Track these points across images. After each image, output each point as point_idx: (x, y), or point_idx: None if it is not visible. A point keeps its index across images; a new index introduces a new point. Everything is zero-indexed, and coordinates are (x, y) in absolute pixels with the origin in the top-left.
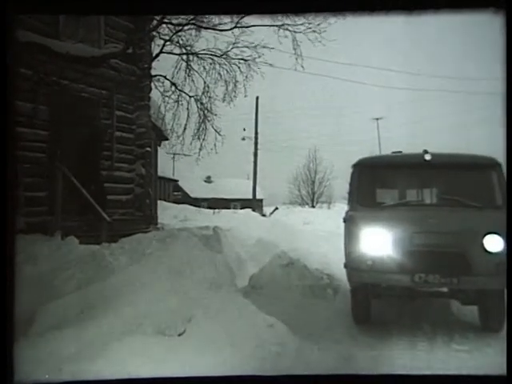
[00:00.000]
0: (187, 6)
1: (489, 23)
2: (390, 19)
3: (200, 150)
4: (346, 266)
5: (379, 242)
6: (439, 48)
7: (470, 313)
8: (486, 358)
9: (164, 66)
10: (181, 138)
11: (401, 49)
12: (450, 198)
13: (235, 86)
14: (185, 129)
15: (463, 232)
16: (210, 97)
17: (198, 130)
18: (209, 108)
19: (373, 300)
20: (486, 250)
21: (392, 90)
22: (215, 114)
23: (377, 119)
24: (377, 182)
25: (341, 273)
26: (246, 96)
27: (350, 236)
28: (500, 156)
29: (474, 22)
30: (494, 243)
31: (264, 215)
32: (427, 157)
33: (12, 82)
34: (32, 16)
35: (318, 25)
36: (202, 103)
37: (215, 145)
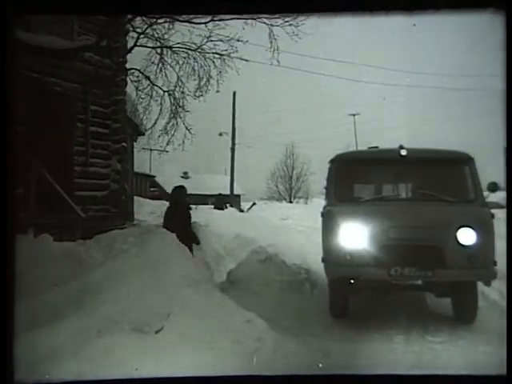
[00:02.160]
0: (190, 6)
1: (467, 21)
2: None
3: (167, 144)
4: (323, 260)
5: (357, 236)
6: (418, 44)
7: (443, 305)
8: (459, 349)
9: (139, 59)
10: (150, 132)
11: (379, 44)
12: (425, 192)
13: (208, 81)
14: (155, 123)
15: (437, 226)
16: (182, 92)
17: (167, 125)
18: (181, 103)
19: (350, 294)
20: (459, 243)
21: (369, 86)
22: (187, 111)
23: (353, 115)
24: (354, 177)
25: (318, 267)
26: (217, 91)
27: (328, 231)
28: (473, 150)
29: (452, 20)
30: (466, 236)
31: (242, 211)
32: (403, 152)
33: (12, 83)
34: None
35: (295, 18)
36: (174, 98)
37: (183, 142)
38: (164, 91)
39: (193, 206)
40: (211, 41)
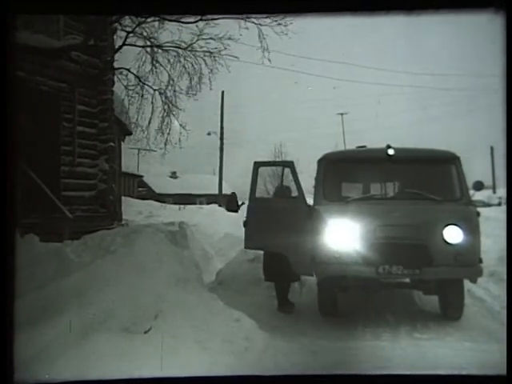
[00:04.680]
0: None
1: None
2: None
3: (165, 144)
4: (312, 259)
5: (345, 235)
6: (407, 44)
7: (431, 302)
8: (446, 345)
9: (127, 58)
10: (146, 133)
11: (368, 44)
12: (412, 191)
13: (200, 79)
14: (149, 123)
15: (424, 224)
16: (174, 90)
17: (162, 124)
18: (173, 102)
19: (339, 292)
20: (445, 242)
21: (357, 85)
22: (180, 109)
23: (341, 114)
24: (342, 177)
25: None
26: (211, 89)
27: (316, 230)
28: (456, 150)
29: (432, 20)
30: (453, 235)
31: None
32: (390, 151)
33: (13, 83)
34: None
35: (283, 18)
36: (166, 97)
37: (180, 140)
38: (154, 90)
39: (181, 206)
40: (202, 39)
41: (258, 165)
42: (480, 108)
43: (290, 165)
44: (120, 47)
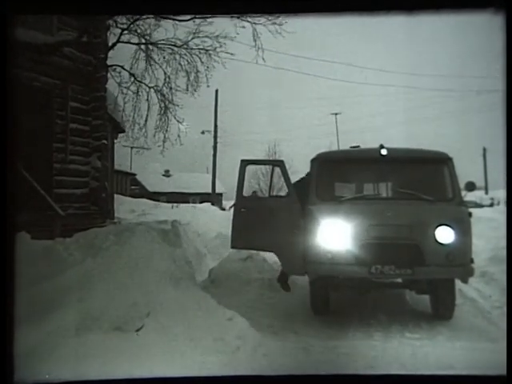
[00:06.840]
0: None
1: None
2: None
3: (164, 141)
4: (304, 259)
5: (337, 234)
6: (401, 45)
7: (423, 302)
8: (437, 344)
9: (121, 55)
10: (143, 130)
11: (362, 44)
12: (405, 191)
13: (197, 76)
14: (146, 120)
15: (417, 224)
16: (170, 88)
17: (160, 121)
18: (170, 99)
19: (331, 291)
20: (437, 242)
21: (350, 85)
22: (177, 105)
23: (335, 114)
24: (335, 176)
25: None
26: (208, 86)
27: (309, 229)
28: (447, 150)
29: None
30: (445, 235)
31: (223, 209)
32: (383, 151)
33: (12, 83)
34: None
35: (278, 16)
36: (162, 94)
37: (179, 136)
38: (150, 87)
39: (174, 205)
40: (198, 37)
41: (244, 163)
42: (473, 109)
43: (280, 164)
44: (114, 44)
